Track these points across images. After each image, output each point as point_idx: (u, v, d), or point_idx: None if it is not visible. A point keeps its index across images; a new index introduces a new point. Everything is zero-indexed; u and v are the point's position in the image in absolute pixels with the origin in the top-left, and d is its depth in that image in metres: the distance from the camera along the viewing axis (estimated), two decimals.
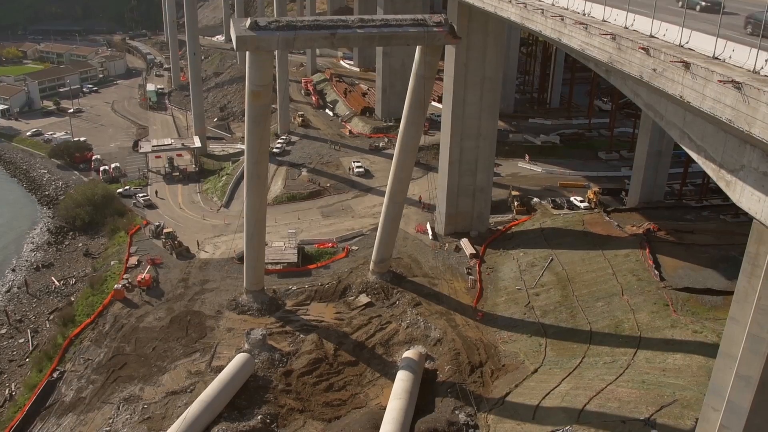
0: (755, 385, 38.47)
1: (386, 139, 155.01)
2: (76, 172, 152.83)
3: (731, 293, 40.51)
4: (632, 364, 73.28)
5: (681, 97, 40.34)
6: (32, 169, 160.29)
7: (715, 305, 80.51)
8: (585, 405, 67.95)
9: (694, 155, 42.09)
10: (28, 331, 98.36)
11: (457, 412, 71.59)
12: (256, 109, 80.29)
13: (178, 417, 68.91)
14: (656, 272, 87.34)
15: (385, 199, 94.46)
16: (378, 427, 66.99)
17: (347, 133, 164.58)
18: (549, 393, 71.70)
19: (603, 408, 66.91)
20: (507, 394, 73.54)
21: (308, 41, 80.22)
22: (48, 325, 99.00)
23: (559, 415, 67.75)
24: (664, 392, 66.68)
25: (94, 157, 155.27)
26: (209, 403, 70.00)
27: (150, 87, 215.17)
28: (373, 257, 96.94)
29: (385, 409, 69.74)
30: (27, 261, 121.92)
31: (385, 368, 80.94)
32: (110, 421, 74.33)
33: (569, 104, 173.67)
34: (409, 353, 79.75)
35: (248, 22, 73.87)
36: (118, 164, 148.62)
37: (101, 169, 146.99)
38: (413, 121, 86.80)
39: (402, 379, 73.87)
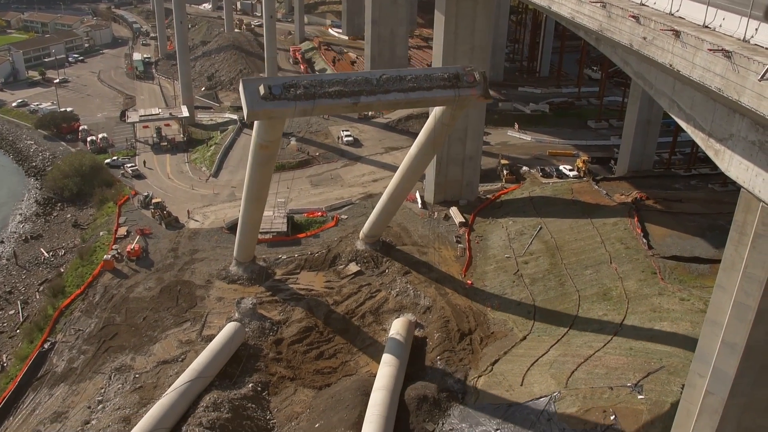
0: (740, 351, 39.01)
1: None
2: (63, 143, 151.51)
3: (718, 261, 40.91)
4: (620, 332, 74.10)
5: (671, 65, 40.33)
6: (19, 140, 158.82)
7: (702, 273, 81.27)
8: (573, 372, 68.81)
9: (683, 124, 42.19)
10: (18, 302, 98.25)
11: (446, 378, 72.29)
12: (262, 156, 76.99)
13: (169, 386, 69.24)
14: (644, 240, 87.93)
15: (385, 195, 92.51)
16: (368, 394, 67.59)
17: None
18: (537, 360, 72.49)
19: (591, 374, 67.77)
20: (496, 361, 74.30)
21: (328, 109, 73.53)
22: (38, 297, 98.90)
23: (548, 381, 68.57)
24: (651, 359, 67.55)
25: (81, 128, 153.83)
26: (200, 372, 70.27)
27: (136, 56, 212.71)
28: (364, 230, 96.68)
29: (375, 376, 70.28)
30: (15, 233, 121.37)
31: (375, 336, 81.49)
32: (102, 390, 74.67)
33: (559, 73, 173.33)
34: (398, 321, 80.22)
35: (261, 88, 64.47)
36: (105, 134, 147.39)
37: (88, 139, 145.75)
38: (425, 152, 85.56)
39: (392, 347, 74.40)
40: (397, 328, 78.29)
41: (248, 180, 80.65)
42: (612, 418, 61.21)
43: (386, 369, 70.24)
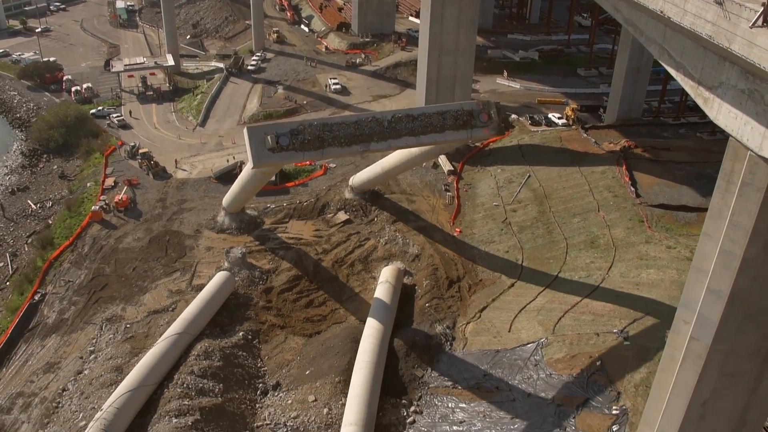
0: (725, 298, 39.54)
1: (363, 55, 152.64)
2: (47, 94, 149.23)
3: (705, 210, 41.18)
4: (607, 279, 74.89)
5: (661, 12, 39.96)
6: (2, 91, 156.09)
7: (689, 221, 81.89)
8: (560, 318, 69.72)
9: (672, 72, 42.02)
10: (7, 255, 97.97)
11: (435, 325, 73.10)
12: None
13: (160, 335, 69.73)
14: (632, 189, 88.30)
15: (392, 160, 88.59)
16: (358, 342, 68.32)
17: (323, 50, 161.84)
18: (525, 307, 73.33)
19: (577, 321, 68.72)
20: (484, 308, 75.11)
21: (336, 155, 70.65)
22: (27, 249, 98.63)
23: (535, 327, 69.50)
24: (637, 306, 68.47)
25: (65, 78, 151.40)
26: (191, 321, 70.73)
27: (120, 4, 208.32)
28: (355, 184, 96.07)
29: (364, 324, 70.94)
30: (2, 185, 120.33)
31: (364, 284, 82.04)
32: (94, 341, 75.16)
33: (548, 20, 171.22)
34: (387, 269, 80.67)
35: (269, 139, 61.45)
36: (90, 84, 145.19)
37: (73, 89, 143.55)
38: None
39: (381, 295, 74.97)
40: (386, 275, 78.78)
41: (243, 184, 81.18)
42: (598, 363, 62.26)
43: (376, 316, 70.90)
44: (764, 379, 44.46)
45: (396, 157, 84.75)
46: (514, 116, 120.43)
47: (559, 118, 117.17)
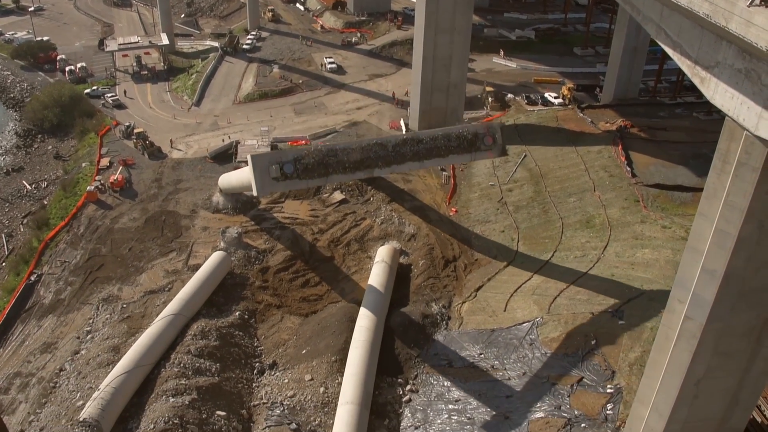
0: (720, 278, 39.67)
1: (359, 34, 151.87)
2: (41, 73, 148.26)
3: (701, 190, 41.18)
4: (602, 259, 75.11)
5: None
6: None
7: (684, 201, 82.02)
8: (555, 298, 70.01)
9: (669, 51, 41.85)
10: (2, 235, 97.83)
11: (431, 304, 73.34)
12: None
13: (157, 315, 69.83)
14: (628, 168, 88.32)
15: None
16: (354, 321, 68.54)
17: (319, 28, 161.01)
18: (520, 286, 73.59)
19: (572, 300, 68.99)
20: (480, 288, 75.34)
21: (340, 181, 69.83)
22: (22, 229, 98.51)
23: (530, 307, 69.78)
24: (632, 285, 68.75)
25: (58, 57, 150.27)
26: (187, 301, 70.86)
27: None
28: None
29: (360, 303, 71.17)
30: None
31: (360, 264, 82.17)
32: (90, 321, 75.30)
33: None
34: (383, 248, 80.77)
35: (273, 168, 60.98)
36: (84, 64, 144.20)
37: (67, 69, 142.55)
38: None
39: (377, 274, 75.11)
40: (382, 255, 78.89)
41: (242, 184, 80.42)
42: (593, 342, 62.58)
43: (372, 296, 71.13)
44: (757, 359, 44.77)
45: None
46: (510, 96, 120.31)
47: (555, 98, 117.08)
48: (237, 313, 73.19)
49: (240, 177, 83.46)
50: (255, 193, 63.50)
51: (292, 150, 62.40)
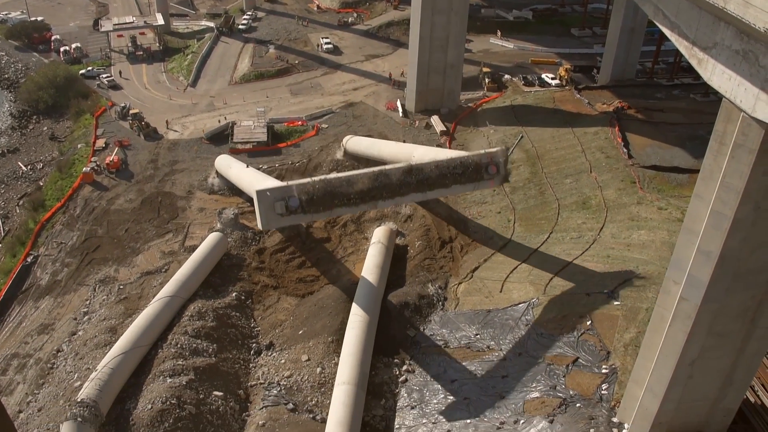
0: (715, 259, 39.81)
1: (355, 14, 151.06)
2: (35, 54, 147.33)
3: (697, 171, 41.21)
4: (598, 240, 75.25)
5: None
6: None
7: (680, 183, 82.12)
8: (551, 279, 70.18)
9: (667, 32, 41.69)
10: None
11: (427, 285, 73.49)
12: None
13: (153, 296, 69.94)
14: (625, 150, 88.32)
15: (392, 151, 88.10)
16: (350, 302, 68.64)
17: (315, 9, 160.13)
18: (517, 267, 73.73)
19: (568, 281, 69.15)
20: (476, 269, 75.48)
21: (344, 214, 68.73)
22: (18, 211, 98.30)
23: (526, 288, 69.98)
24: (627, 266, 68.91)
25: (53, 38, 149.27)
26: (184, 282, 70.92)
27: None
28: (350, 148, 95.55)
29: (357, 284, 71.29)
30: None
31: (356, 245, 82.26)
32: (87, 302, 75.37)
33: None
34: (380, 230, 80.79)
35: (278, 206, 60.48)
36: (78, 44, 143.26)
37: (62, 49, 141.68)
38: None
39: (373, 255, 75.20)
40: (378, 236, 78.92)
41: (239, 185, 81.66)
42: (588, 323, 62.84)
43: (368, 277, 71.25)
44: (752, 339, 45.06)
45: (394, 154, 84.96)
46: (507, 76, 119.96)
47: (552, 79, 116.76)
48: (234, 294, 73.32)
49: (237, 178, 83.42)
50: (260, 227, 63.21)
51: (298, 184, 61.31)
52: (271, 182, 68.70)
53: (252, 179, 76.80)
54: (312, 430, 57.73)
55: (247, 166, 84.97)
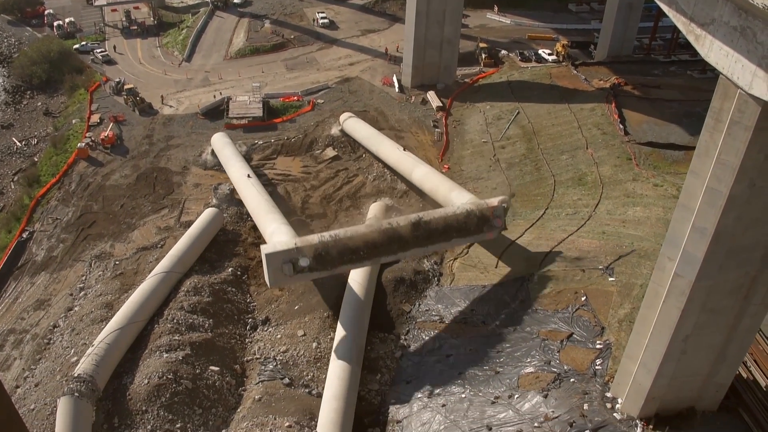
0: (710, 236, 39.92)
1: None
2: (28, 28, 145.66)
3: (693, 148, 41.21)
4: (593, 216, 75.41)
5: None
6: None
7: (676, 160, 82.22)
8: (547, 254, 70.37)
9: (665, 7, 41.46)
10: None
11: (422, 261, 73.64)
12: None
13: (149, 272, 69.98)
14: (621, 126, 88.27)
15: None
16: (346, 277, 68.79)
17: None
18: (512, 243, 73.88)
19: (564, 257, 69.37)
20: (471, 244, 75.52)
21: (347, 270, 67.13)
22: (13, 187, 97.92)
23: (522, 263, 70.19)
24: (623, 243, 69.14)
25: (46, 12, 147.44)
26: (180, 258, 70.95)
27: None
28: (344, 127, 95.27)
29: None
30: None
31: (352, 220, 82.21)
32: (83, 278, 75.41)
33: None
34: (375, 205, 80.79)
35: (287, 268, 59.84)
36: (72, 19, 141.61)
37: (55, 24, 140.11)
38: None
39: None
40: (374, 212, 78.95)
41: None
42: (583, 299, 63.17)
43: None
44: (745, 316, 45.35)
45: (393, 164, 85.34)
46: (504, 52, 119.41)
47: (549, 54, 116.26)
48: (229, 270, 73.42)
49: (233, 179, 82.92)
50: (268, 284, 62.99)
51: (308, 246, 60.91)
52: (274, 223, 69.22)
53: (255, 207, 75.58)
54: (308, 405, 58.18)
55: (249, 175, 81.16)
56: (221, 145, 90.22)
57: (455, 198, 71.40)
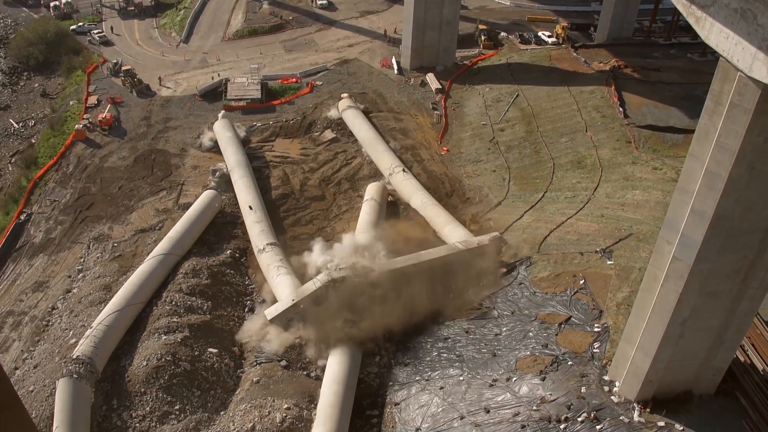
0: (708, 219, 39.83)
1: None
2: (24, 9, 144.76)
3: (692, 131, 41.03)
4: (592, 199, 75.29)
5: None
6: None
7: (676, 143, 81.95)
8: (545, 237, 70.34)
9: None
10: None
11: None
12: None
13: (148, 254, 69.96)
14: (620, 109, 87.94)
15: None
16: None
17: None
18: (511, 225, 73.92)
19: (562, 240, 69.37)
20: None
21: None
22: (10, 168, 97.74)
23: (520, 246, 70.14)
24: (621, 226, 69.05)
25: None
26: (178, 240, 70.96)
27: None
28: (342, 115, 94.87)
29: None
30: None
31: (351, 202, 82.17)
32: (81, 260, 75.40)
33: None
34: (373, 186, 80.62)
35: (291, 324, 62.74)
36: None
37: (52, 5, 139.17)
38: None
39: (367, 212, 75.22)
40: (371, 193, 78.83)
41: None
42: (581, 282, 63.17)
43: (362, 235, 71.26)
44: (743, 299, 45.32)
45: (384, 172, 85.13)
46: (503, 34, 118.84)
47: (549, 37, 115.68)
48: (228, 252, 73.40)
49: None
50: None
51: (306, 296, 63.07)
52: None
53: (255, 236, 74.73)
54: (307, 387, 58.38)
55: (250, 208, 77.78)
56: (225, 142, 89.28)
57: (448, 234, 72.32)
